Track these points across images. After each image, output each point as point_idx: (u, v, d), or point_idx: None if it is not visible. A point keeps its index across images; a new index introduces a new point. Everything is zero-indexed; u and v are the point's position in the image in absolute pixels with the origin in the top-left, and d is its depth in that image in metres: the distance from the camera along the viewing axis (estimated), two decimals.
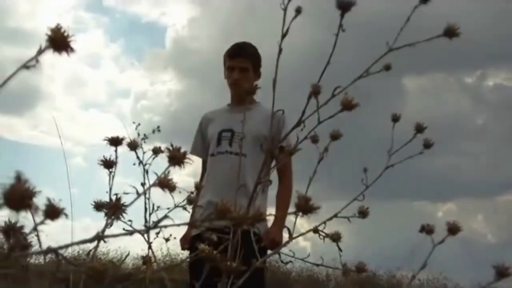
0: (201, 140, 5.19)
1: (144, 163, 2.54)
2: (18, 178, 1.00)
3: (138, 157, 2.50)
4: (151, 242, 2.53)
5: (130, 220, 2.11)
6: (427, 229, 2.12)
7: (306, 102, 1.93)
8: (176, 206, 2.16)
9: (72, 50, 1.20)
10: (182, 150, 1.47)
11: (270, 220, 4.09)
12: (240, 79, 4.91)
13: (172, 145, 1.48)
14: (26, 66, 1.17)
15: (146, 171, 2.50)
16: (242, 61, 4.90)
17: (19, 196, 0.99)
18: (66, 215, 1.22)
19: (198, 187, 2.38)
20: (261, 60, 4.97)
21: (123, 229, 2.72)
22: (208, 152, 5.02)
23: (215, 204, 1.44)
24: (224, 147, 4.82)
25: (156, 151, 2.45)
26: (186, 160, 1.48)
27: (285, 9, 1.98)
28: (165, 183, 1.52)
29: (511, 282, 1.96)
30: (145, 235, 2.44)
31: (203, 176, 5.04)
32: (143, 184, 2.44)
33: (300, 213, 1.64)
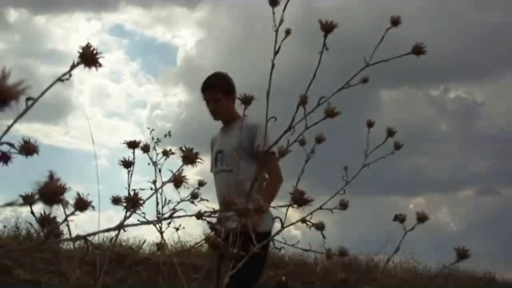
0: (212, 160, 5.21)
1: (156, 163, 2.56)
2: (51, 176, 1.01)
3: (150, 159, 2.52)
4: (163, 231, 2.54)
5: (143, 213, 2.11)
6: (399, 218, 2.13)
7: (295, 110, 1.95)
8: (184, 200, 2.18)
9: (100, 65, 1.21)
10: (194, 151, 1.48)
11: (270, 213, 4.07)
12: (215, 109, 4.91)
13: (185, 146, 1.49)
14: (61, 79, 1.18)
15: (159, 170, 2.52)
16: (212, 92, 4.88)
17: (52, 192, 1.00)
18: (93, 208, 1.24)
19: (201, 183, 2.39)
20: (232, 82, 4.93)
21: (138, 220, 2.73)
22: None
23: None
24: (219, 167, 4.82)
25: (166, 153, 2.46)
26: (197, 160, 1.49)
27: (276, 31, 2.00)
28: (179, 180, 1.53)
29: (468, 263, 1.98)
30: (159, 225, 2.46)
31: None
32: (154, 182, 2.45)
33: (296, 205, 1.66)
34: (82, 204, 1.19)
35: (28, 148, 1.42)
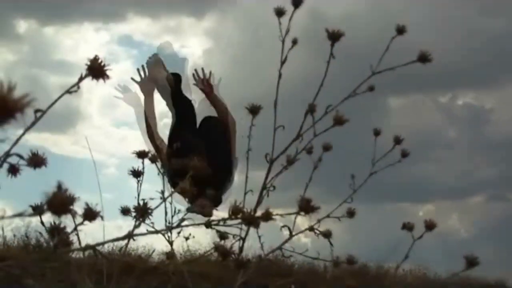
0: None
1: (164, 174, 2.57)
2: (59, 187, 1.02)
3: (159, 169, 2.52)
4: (173, 241, 2.54)
5: (152, 222, 2.12)
6: (407, 227, 2.13)
7: (303, 118, 1.95)
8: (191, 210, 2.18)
9: (107, 76, 1.23)
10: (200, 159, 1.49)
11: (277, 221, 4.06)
12: None
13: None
14: (69, 91, 1.20)
15: (167, 180, 2.53)
16: None
17: (60, 203, 1.01)
18: (102, 218, 1.24)
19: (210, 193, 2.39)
20: None
21: (147, 230, 2.74)
22: None
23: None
24: None
25: None
26: (203, 169, 1.50)
27: (283, 41, 2.01)
28: (187, 189, 1.54)
29: (480, 270, 1.98)
30: (168, 234, 2.46)
31: None
32: (162, 192, 2.46)
33: (303, 213, 1.67)
34: (90, 214, 1.20)
35: (37, 160, 1.43)
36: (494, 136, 29.60)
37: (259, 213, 1.70)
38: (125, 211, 1.87)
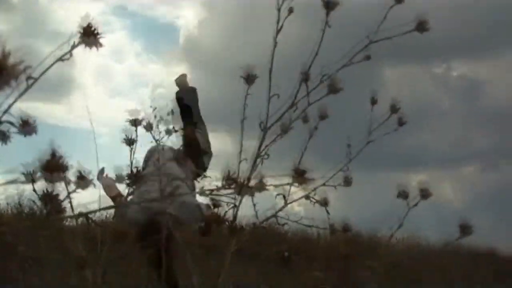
0: None
1: (159, 141, 2.56)
2: (53, 153, 1.01)
3: (153, 137, 2.51)
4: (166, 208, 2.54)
5: (146, 190, 2.11)
6: (403, 195, 2.13)
7: (298, 87, 1.94)
8: (186, 177, 2.18)
9: (100, 45, 1.21)
10: (192, 130, 1.48)
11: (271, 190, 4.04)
12: None
13: (184, 125, 1.49)
14: (61, 59, 1.18)
15: (162, 148, 2.52)
16: None
17: (54, 169, 1.01)
18: (94, 185, 1.24)
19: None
20: None
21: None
22: None
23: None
24: None
25: (169, 132, 2.46)
26: (195, 138, 1.50)
27: (279, 9, 1.99)
28: (181, 158, 1.54)
29: (471, 238, 1.99)
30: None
31: None
32: (158, 159, 2.45)
33: (297, 183, 1.66)
34: (84, 182, 1.19)
35: (27, 128, 1.42)
36: (488, 107, 29.63)
37: (253, 181, 1.69)
38: (119, 178, 1.86)
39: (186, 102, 5.19)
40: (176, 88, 5.17)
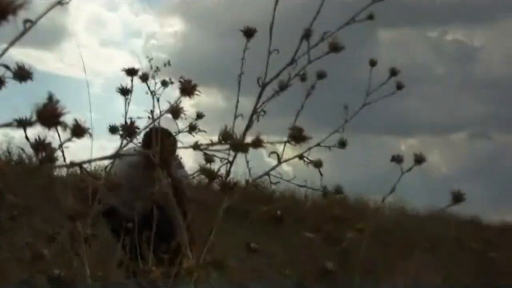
0: None
1: (154, 93, 2.53)
2: (50, 98, 0.99)
3: (149, 88, 2.49)
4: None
5: (140, 142, 2.10)
6: (397, 159, 2.13)
7: (298, 44, 1.92)
8: (180, 132, 2.16)
9: None
10: (192, 83, 1.46)
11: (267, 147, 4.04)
12: None
13: (183, 78, 1.47)
14: (60, 2, 1.15)
15: (157, 100, 2.49)
16: None
17: (51, 113, 0.99)
18: (90, 135, 1.22)
19: (199, 115, 2.37)
20: None
21: (134, 149, 2.71)
22: None
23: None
24: None
25: (165, 83, 2.44)
26: (195, 92, 1.47)
27: None
28: (177, 111, 1.52)
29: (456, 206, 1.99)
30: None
31: None
32: (152, 111, 2.42)
33: (293, 142, 1.65)
34: (79, 130, 1.17)
35: (22, 73, 1.39)
36: (481, 74, 29.62)
37: (248, 138, 1.68)
38: (113, 130, 1.84)
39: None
40: None
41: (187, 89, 1.46)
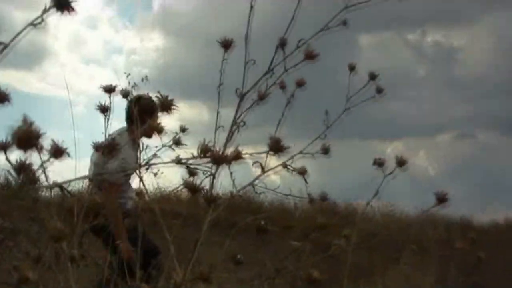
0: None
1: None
2: (25, 121, 0.99)
3: (128, 102, 2.49)
4: (142, 177, 2.53)
5: (123, 158, 2.09)
6: (378, 162, 2.13)
7: (274, 53, 1.93)
8: (163, 146, 2.16)
9: (73, 9, 1.18)
10: (169, 98, 1.46)
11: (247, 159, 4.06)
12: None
13: (160, 94, 1.47)
14: (33, 24, 1.15)
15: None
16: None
17: (26, 136, 0.99)
18: (68, 155, 1.22)
19: (183, 129, 2.37)
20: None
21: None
22: None
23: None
24: None
25: None
26: (173, 107, 1.48)
27: None
28: (154, 127, 1.52)
29: (445, 207, 2.00)
30: (137, 171, 2.44)
31: None
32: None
33: (272, 152, 1.65)
34: (57, 151, 1.17)
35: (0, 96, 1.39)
36: (462, 74, 29.77)
37: (229, 150, 1.68)
38: (98, 147, 1.84)
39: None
40: None
41: (165, 105, 1.46)
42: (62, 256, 1.84)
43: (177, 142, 2.20)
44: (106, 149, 1.65)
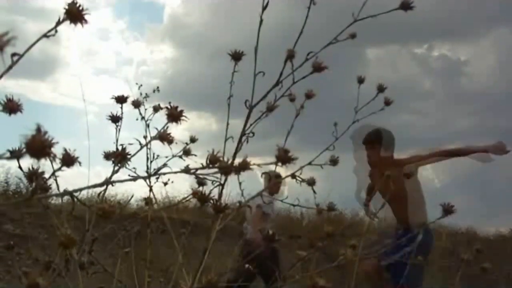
0: None
1: (145, 119, 2.53)
2: (38, 129, 0.99)
3: (140, 114, 2.50)
4: (152, 186, 2.53)
5: (134, 168, 2.10)
6: (386, 175, 2.14)
7: (283, 65, 1.93)
8: (173, 156, 2.16)
9: (86, 21, 1.19)
10: (178, 109, 1.47)
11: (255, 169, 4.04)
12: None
13: (170, 104, 1.47)
14: (46, 35, 1.16)
15: (147, 126, 2.50)
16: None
17: (39, 145, 0.99)
18: (80, 163, 1.22)
19: (192, 139, 2.38)
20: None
21: (128, 175, 2.71)
22: None
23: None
24: None
25: (156, 109, 2.45)
26: (182, 117, 1.48)
27: None
28: (164, 137, 1.52)
29: (451, 218, 2.00)
30: (147, 180, 2.44)
31: None
32: (145, 137, 2.43)
33: (280, 163, 1.65)
34: (68, 159, 1.18)
35: (12, 106, 1.39)
36: (468, 87, 29.78)
37: (237, 160, 1.69)
38: (107, 156, 1.85)
39: None
40: None
41: (174, 115, 1.46)
42: (71, 263, 1.84)
43: (186, 152, 2.20)
44: (116, 158, 1.65)
